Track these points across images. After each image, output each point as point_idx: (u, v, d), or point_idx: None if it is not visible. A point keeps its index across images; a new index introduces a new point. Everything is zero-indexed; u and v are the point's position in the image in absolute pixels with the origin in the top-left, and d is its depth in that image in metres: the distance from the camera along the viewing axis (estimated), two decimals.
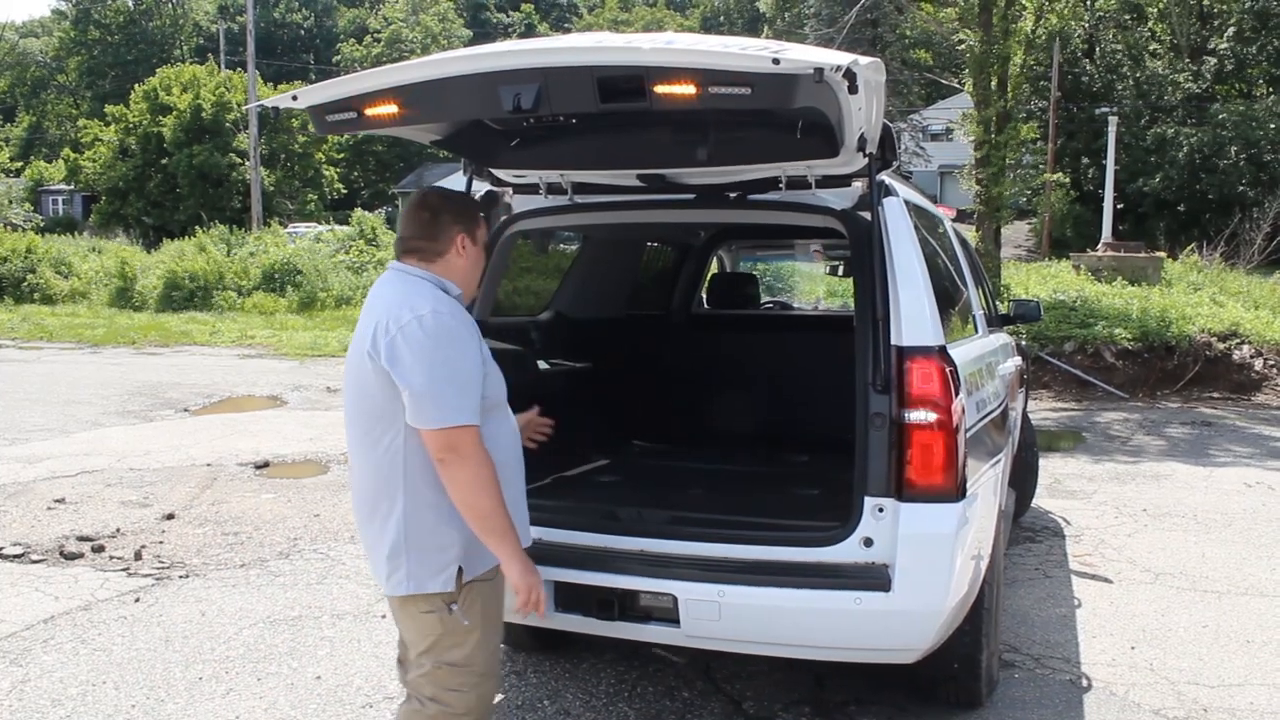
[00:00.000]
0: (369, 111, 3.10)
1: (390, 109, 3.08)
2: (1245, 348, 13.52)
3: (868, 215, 3.57)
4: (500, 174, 4.13)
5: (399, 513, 2.79)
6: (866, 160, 3.50)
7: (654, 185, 3.96)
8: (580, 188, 4.09)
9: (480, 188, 4.20)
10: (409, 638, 2.90)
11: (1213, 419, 11.62)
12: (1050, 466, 8.63)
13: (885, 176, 3.69)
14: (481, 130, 3.83)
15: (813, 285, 14.89)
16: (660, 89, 2.79)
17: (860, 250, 3.58)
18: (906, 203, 3.74)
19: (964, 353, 3.93)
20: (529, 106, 2.90)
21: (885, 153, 3.57)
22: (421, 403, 2.69)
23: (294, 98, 3.13)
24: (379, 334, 2.73)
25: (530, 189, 4.16)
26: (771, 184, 3.82)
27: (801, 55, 2.71)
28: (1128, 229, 33.34)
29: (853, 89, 2.86)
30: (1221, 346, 13.49)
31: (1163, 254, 22.96)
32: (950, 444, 3.33)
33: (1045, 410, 12.08)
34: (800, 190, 3.80)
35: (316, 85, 3.13)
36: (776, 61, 2.65)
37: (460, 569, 2.80)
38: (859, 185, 3.76)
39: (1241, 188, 34.45)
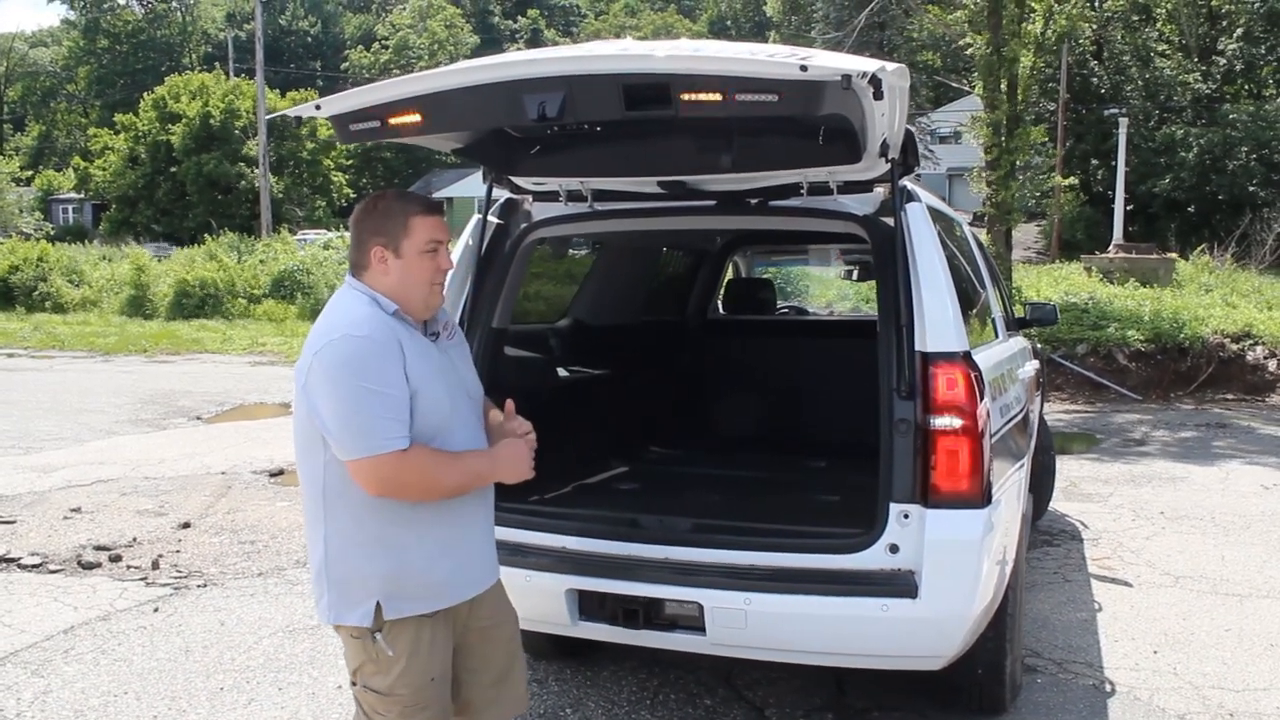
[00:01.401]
0: (393, 120, 3.08)
1: (414, 118, 3.07)
2: (1259, 349, 13.47)
3: (890, 221, 3.57)
4: (520, 181, 4.12)
5: (322, 539, 2.69)
6: (889, 165, 3.50)
7: (675, 192, 3.95)
8: (600, 195, 4.08)
9: (500, 195, 4.21)
10: (346, 654, 2.80)
11: (1227, 420, 11.58)
12: (1065, 469, 8.60)
13: (907, 182, 3.69)
14: (502, 138, 3.83)
15: (828, 290, 14.90)
16: (686, 96, 2.77)
17: (883, 256, 3.57)
18: (928, 208, 3.73)
19: (987, 357, 3.92)
20: (554, 115, 2.88)
21: (907, 158, 3.57)
22: (342, 434, 2.56)
23: (317, 107, 3.12)
24: (303, 359, 2.64)
25: (550, 196, 4.15)
26: (792, 190, 3.81)
27: (828, 62, 2.71)
28: (1138, 230, 33.28)
29: (878, 95, 2.85)
30: (1235, 348, 13.44)
31: (1174, 255, 22.90)
32: (976, 449, 3.31)
33: (1059, 412, 12.04)
34: (822, 196, 3.80)
35: (339, 94, 3.12)
36: (804, 69, 2.64)
37: (379, 605, 2.65)
38: (880, 191, 3.76)
39: (1252, 188, 34.39)
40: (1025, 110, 16.70)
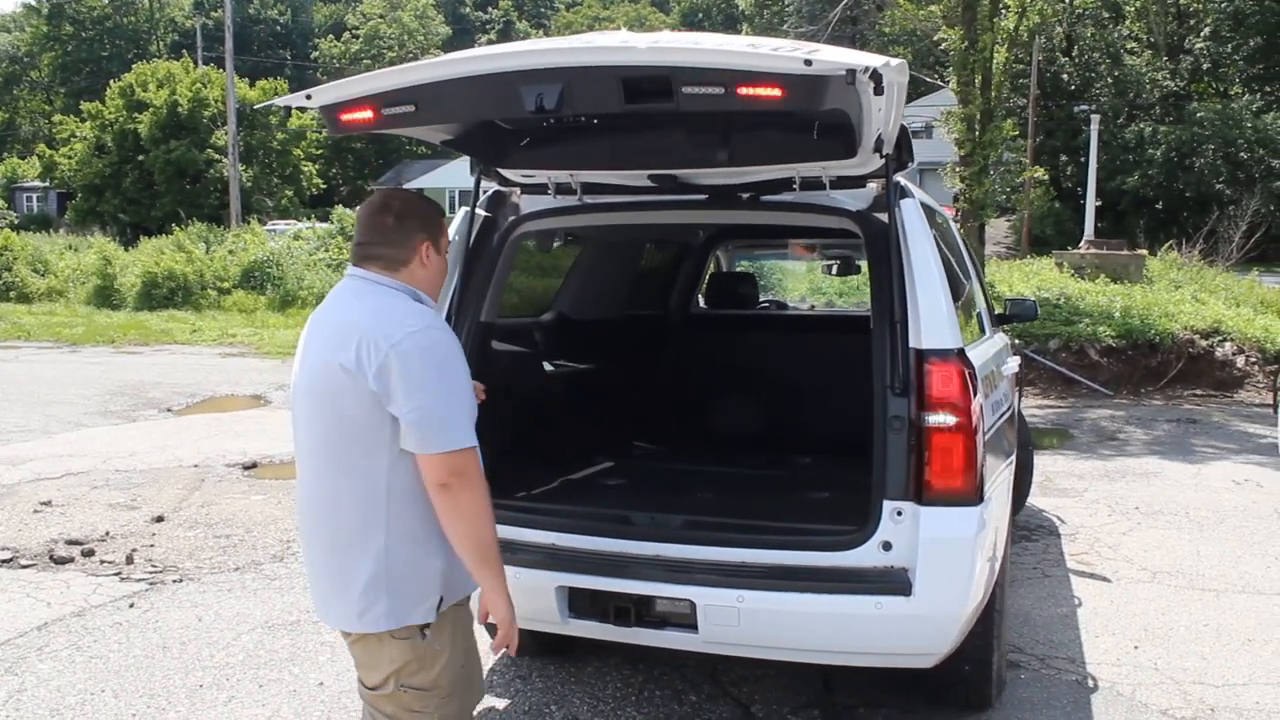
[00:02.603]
0: (386, 111, 3.03)
1: (407, 109, 3.02)
2: (1227, 345, 13.60)
3: (884, 216, 3.55)
4: (509, 174, 4.08)
5: (380, 544, 2.57)
6: (883, 161, 3.48)
7: (665, 186, 3.92)
8: (589, 188, 4.04)
9: (488, 187, 4.16)
10: (369, 663, 2.70)
11: (1197, 416, 11.69)
12: (1040, 464, 8.63)
13: (900, 178, 3.67)
14: (491, 130, 3.78)
15: (800, 284, 14.93)
16: (688, 90, 2.74)
17: (877, 252, 3.56)
18: (921, 204, 3.72)
19: (978, 354, 3.91)
20: (552, 107, 2.85)
21: (902, 154, 3.56)
22: (426, 427, 2.49)
23: (308, 97, 3.07)
24: (364, 351, 2.49)
25: (539, 189, 4.11)
26: (784, 184, 3.79)
27: (833, 57, 2.69)
28: (1106, 226, 33.52)
29: (878, 90, 2.84)
30: (1204, 344, 13.56)
31: (1144, 252, 23.09)
32: (969, 447, 3.31)
33: (1032, 407, 12.10)
34: (814, 191, 3.78)
35: (330, 85, 3.07)
36: (809, 63, 2.62)
37: (441, 598, 2.64)
38: (873, 186, 3.74)
39: (1219, 186, 34.81)
40: (998, 105, 16.77)
